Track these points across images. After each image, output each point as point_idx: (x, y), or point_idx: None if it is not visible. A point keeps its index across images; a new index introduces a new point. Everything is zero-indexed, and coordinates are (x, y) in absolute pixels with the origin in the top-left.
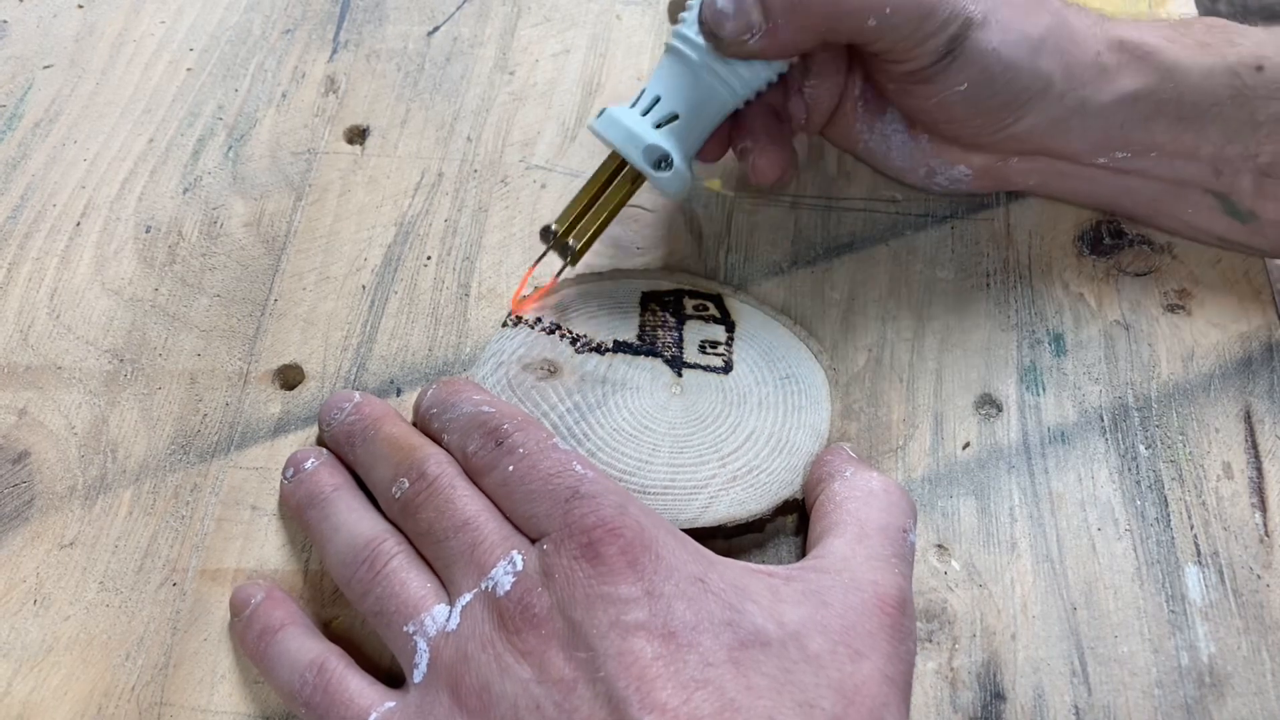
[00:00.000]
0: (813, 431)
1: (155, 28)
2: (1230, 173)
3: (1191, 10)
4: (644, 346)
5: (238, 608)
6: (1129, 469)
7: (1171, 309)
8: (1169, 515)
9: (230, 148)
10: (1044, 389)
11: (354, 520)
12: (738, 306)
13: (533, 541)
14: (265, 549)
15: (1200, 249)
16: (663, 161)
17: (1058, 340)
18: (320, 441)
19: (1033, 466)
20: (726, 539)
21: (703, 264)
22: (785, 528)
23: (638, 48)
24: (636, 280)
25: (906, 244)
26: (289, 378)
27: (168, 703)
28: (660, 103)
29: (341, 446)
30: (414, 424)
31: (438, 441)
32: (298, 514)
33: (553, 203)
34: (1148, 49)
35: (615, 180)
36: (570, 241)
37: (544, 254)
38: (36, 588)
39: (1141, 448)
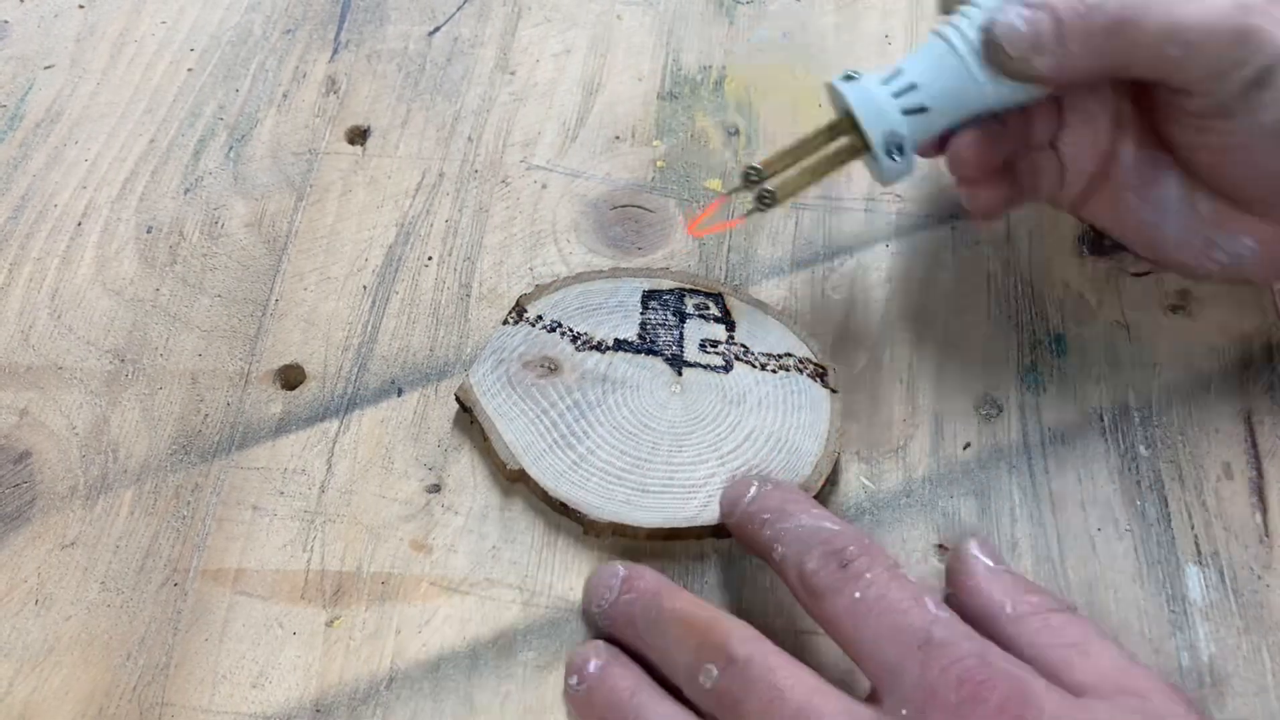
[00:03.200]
0: (812, 431)
1: (156, 28)
2: None
3: None
4: (644, 345)
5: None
6: (1129, 469)
7: (1172, 309)
8: (1169, 515)
9: (231, 148)
10: (1044, 389)
11: None
12: (738, 306)
13: (871, 698)
14: (266, 549)
15: None
16: (897, 150)
17: (1058, 340)
18: (588, 620)
19: (1033, 466)
20: (725, 538)
21: (703, 263)
22: None
23: (638, 48)
24: (637, 279)
25: (907, 244)
26: (290, 378)
27: (169, 703)
28: (914, 90)
29: (621, 630)
30: (729, 520)
31: (763, 551)
32: None
33: (553, 203)
34: None
35: (835, 144)
36: (769, 188)
37: (737, 189)
38: (38, 588)
39: (1142, 448)
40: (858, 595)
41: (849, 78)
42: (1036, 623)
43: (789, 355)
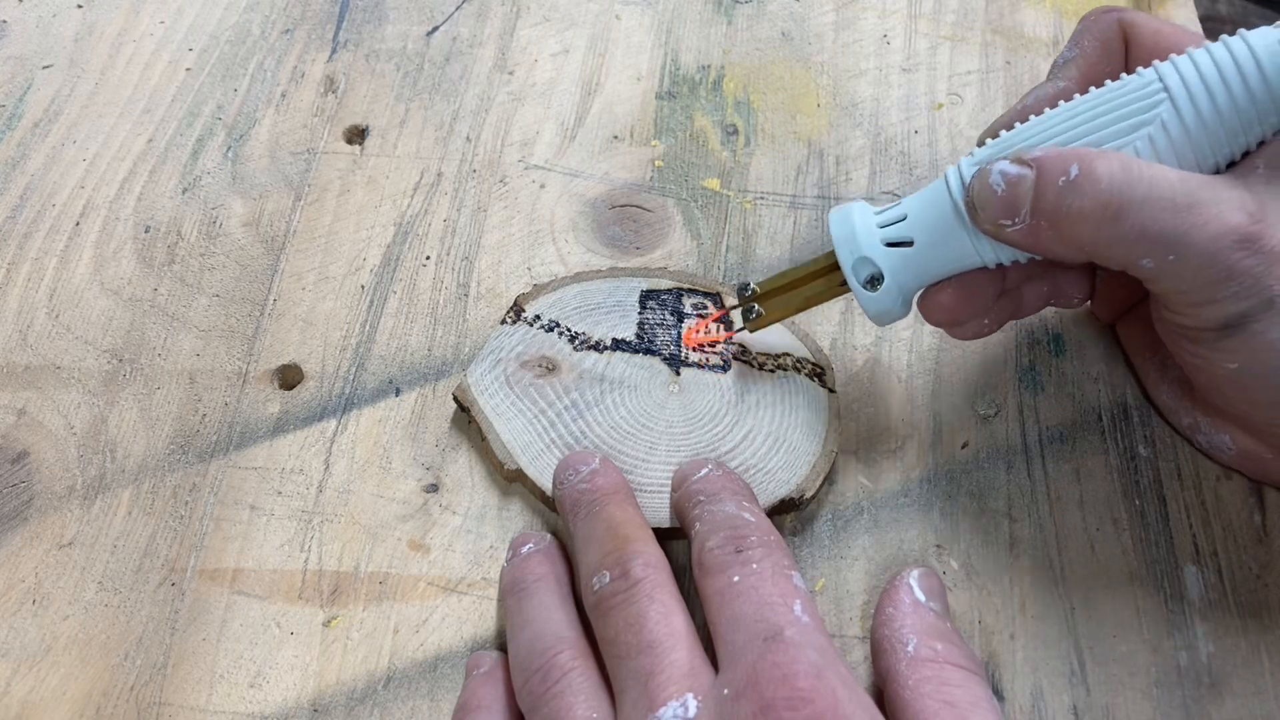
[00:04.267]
0: (810, 431)
1: (155, 28)
2: None
3: (1190, 10)
4: (642, 345)
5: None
6: (1128, 469)
7: None
8: (1168, 515)
9: (229, 148)
10: (1043, 389)
11: (544, 618)
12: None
13: (717, 673)
14: (264, 549)
15: None
16: (874, 280)
17: (1057, 340)
18: (552, 498)
19: (1032, 466)
20: None
21: (702, 263)
22: (782, 526)
23: (637, 48)
24: (636, 278)
25: None
26: (288, 377)
27: (166, 702)
28: (903, 223)
29: (565, 513)
30: (673, 495)
31: (687, 527)
32: (502, 598)
33: (551, 202)
34: None
35: (829, 273)
36: (758, 307)
37: (734, 306)
38: (35, 587)
39: (1141, 448)
40: (735, 579)
41: (852, 203)
42: (930, 670)
43: (787, 355)
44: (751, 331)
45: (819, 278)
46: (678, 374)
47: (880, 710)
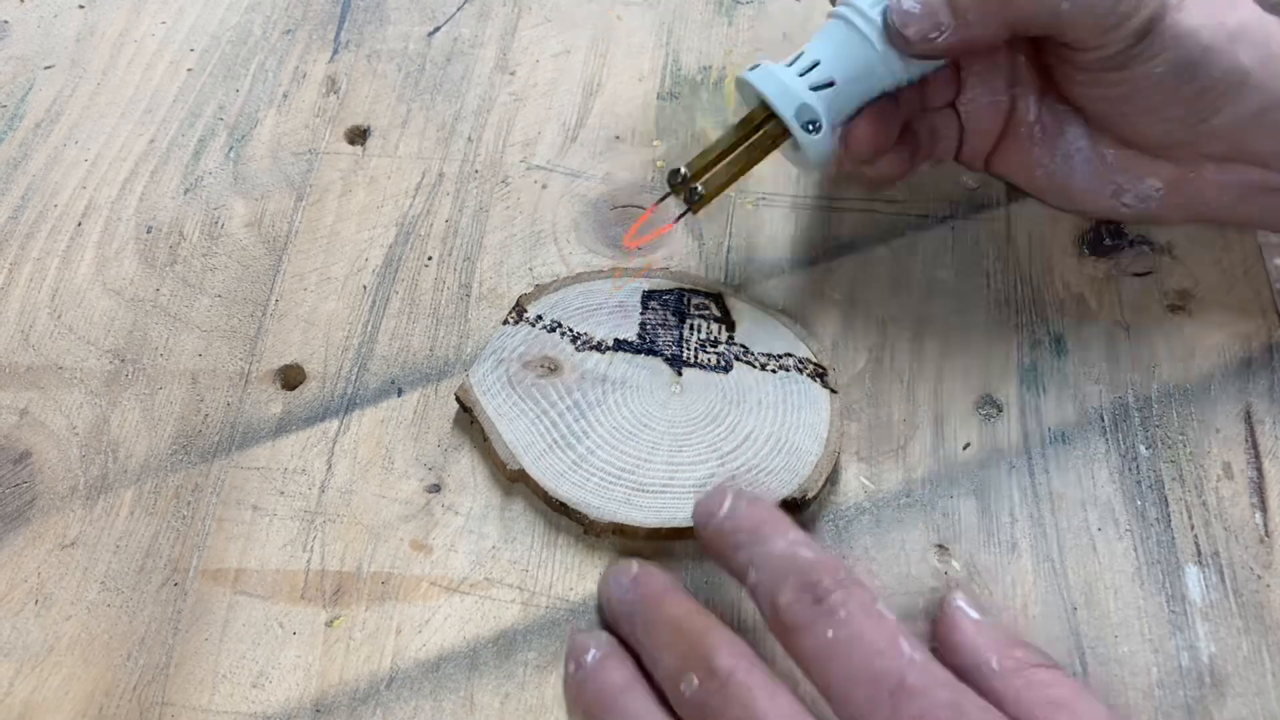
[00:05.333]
0: (812, 431)
1: (156, 28)
2: None
3: None
4: (644, 345)
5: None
6: (1129, 469)
7: (1172, 309)
8: (1169, 515)
9: (231, 148)
10: (1044, 389)
11: None
12: (738, 306)
13: None
14: (267, 549)
15: (1202, 248)
16: (812, 124)
17: (1058, 340)
18: (600, 613)
19: (1033, 467)
20: None
21: (703, 264)
22: None
23: (638, 48)
24: (638, 279)
25: (907, 244)
26: (290, 378)
27: (169, 702)
28: (819, 67)
29: (622, 626)
30: (702, 532)
31: (737, 574)
32: (587, 715)
33: (553, 203)
34: None
35: (757, 134)
36: (698, 187)
37: (666, 195)
38: (38, 588)
39: (1142, 448)
40: (830, 634)
41: (753, 67)
42: (1021, 680)
43: (789, 355)
44: (695, 214)
45: (748, 139)
46: (680, 374)
47: None
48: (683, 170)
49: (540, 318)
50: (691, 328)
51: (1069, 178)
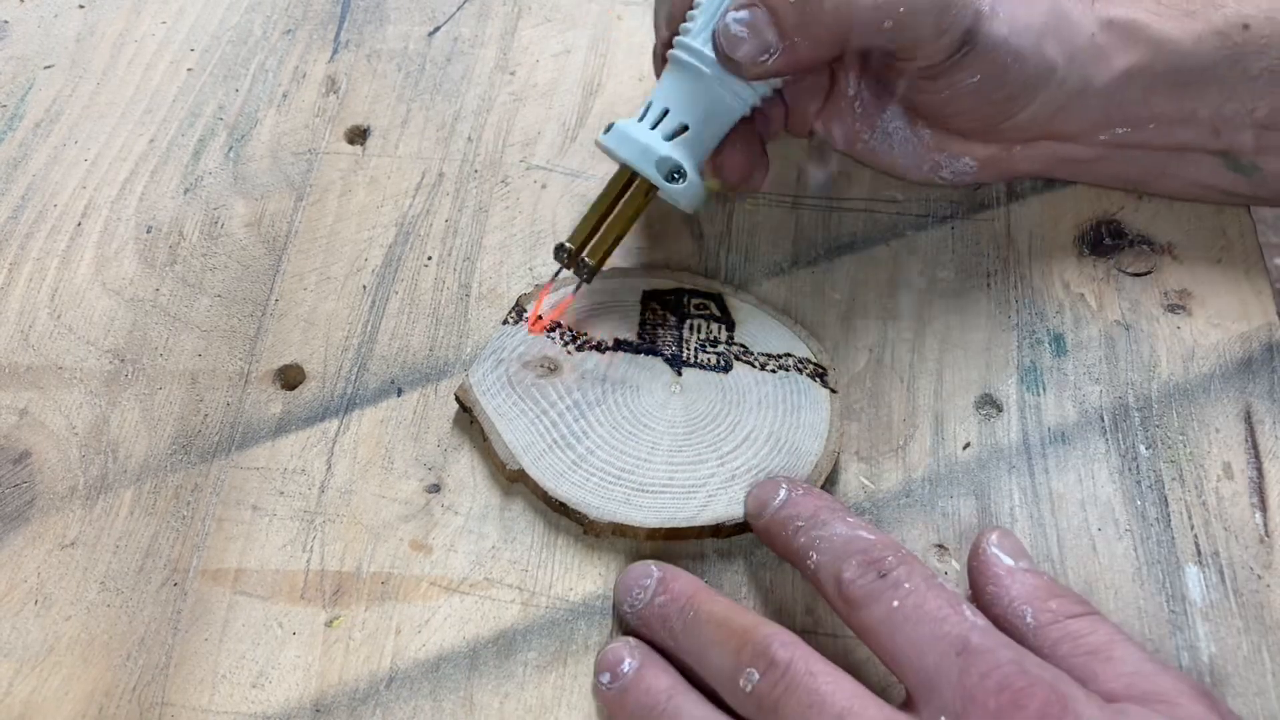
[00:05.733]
0: (812, 431)
1: (156, 28)
2: (1230, 130)
3: None
4: (644, 345)
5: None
6: (1129, 469)
7: (1172, 309)
8: (1169, 515)
9: (231, 148)
10: (1044, 389)
11: None
12: (738, 306)
13: (906, 705)
14: (266, 549)
15: (1202, 248)
16: (676, 174)
17: (1058, 340)
18: (619, 620)
19: (1033, 466)
20: (724, 538)
21: (703, 263)
22: None
23: (638, 48)
24: (637, 279)
25: (907, 244)
26: (290, 378)
27: (169, 703)
28: (669, 115)
29: (655, 631)
30: (756, 522)
31: (796, 557)
32: None
33: (553, 203)
34: (1137, 25)
35: (627, 194)
36: (585, 259)
37: (558, 272)
38: (38, 588)
39: (1142, 448)
40: (895, 604)
41: (607, 129)
42: (1057, 632)
43: (789, 355)
44: (589, 282)
45: (620, 200)
46: (679, 374)
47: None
48: (566, 245)
49: (540, 318)
50: (691, 327)
51: (888, 153)
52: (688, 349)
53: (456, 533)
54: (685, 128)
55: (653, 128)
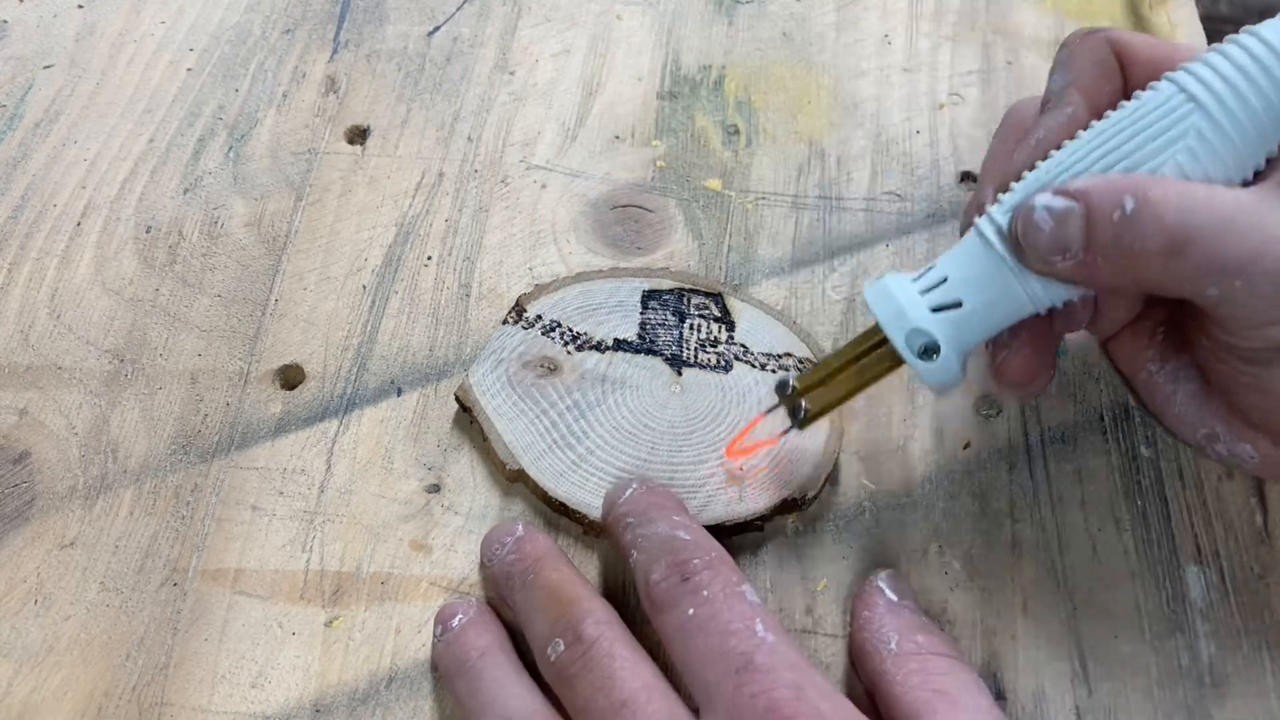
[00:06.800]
0: (812, 431)
1: (155, 28)
2: None
3: (1191, 10)
4: (644, 345)
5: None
6: (1130, 469)
7: None
8: (1169, 515)
9: (231, 148)
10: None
11: (504, 695)
12: (738, 306)
13: (696, 713)
14: (266, 549)
15: None
16: (930, 351)
17: (1058, 340)
18: (481, 574)
19: (1033, 466)
20: (725, 538)
21: (703, 263)
22: (784, 528)
23: (638, 48)
24: (637, 279)
25: (907, 244)
26: (290, 378)
27: (168, 703)
28: (945, 285)
29: (500, 588)
30: (604, 520)
31: (624, 555)
32: (447, 682)
33: (553, 203)
34: None
35: (874, 353)
36: (804, 403)
37: (775, 406)
38: (37, 588)
39: (1142, 448)
40: (691, 611)
41: (879, 279)
42: (915, 664)
43: (789, 355)
44: (800, 429)
45: (863, 359)
46: (679, 374)
47: (866, 713)
48: (792, 383)
49: (540, 317)
50: (691, 327)
51: (1169, 398)
52: (688, 349)
53: (456, 533)
54: (958, 304)
55: (923, 293)
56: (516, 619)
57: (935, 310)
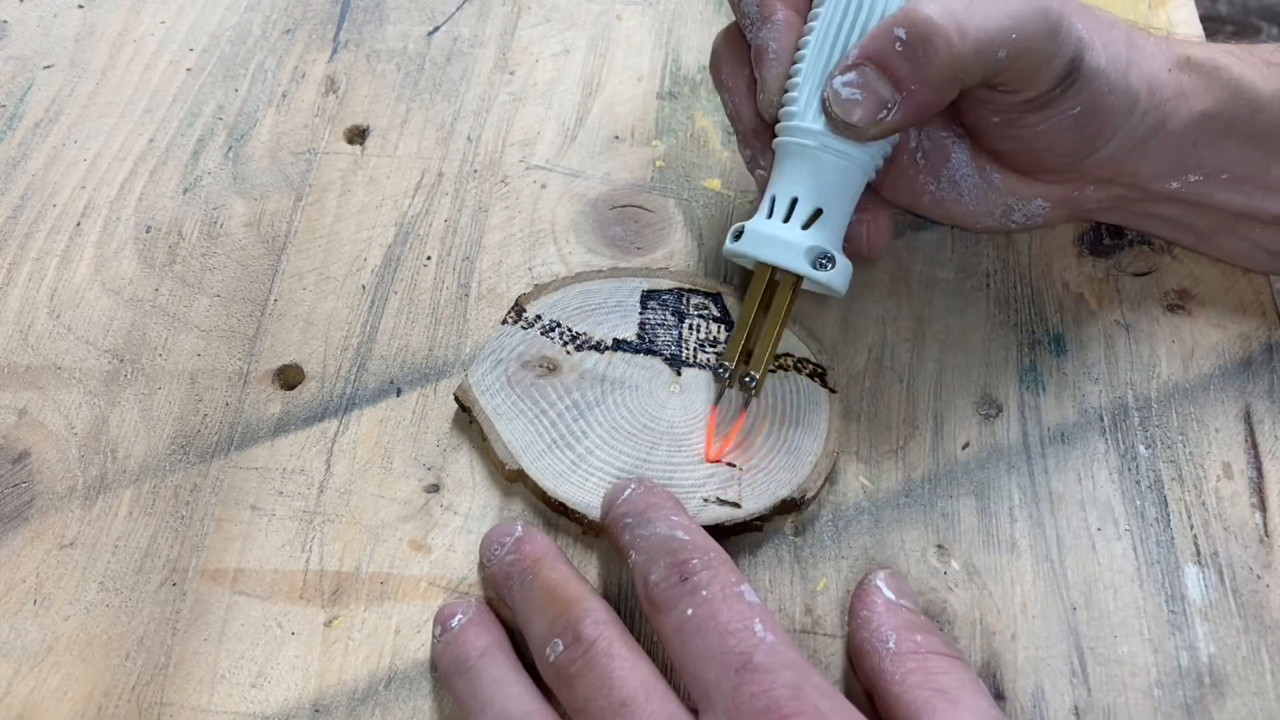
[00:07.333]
0: (811, 431)
1: (155, 28)
2: None
3: (1191, 10)
4: (643, 345)
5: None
6: (1129, 469)
7: (1171, 309)
8: (1169, 515)
9: (230, 148)
10: (1044, 389)
11: (503, 695)
12: (738, 306)
13: (695, 713)
14: (265, 549)
15: None
16: (824, 261)
17: (1058, 340)
18: (481, 574)
19: (1033, 466)
20: (724, 538)
21: (703, 263)
22: (783, 528)
23: (637, 48)
24: (636, 279)
25: (906, 244)
26: (289, 378)
27: (168, 702)
28: (799, 203)
29: (499, 588)
30: (603, 520)
31: (623, 555)
32: (446, 681)
33: (553, 202)
34: (1216, 66)
35: (776, 295)
36: (751, 374)
37: (721, 392)
38: (36, 588)
39: (1141, 448)
40: (690, 612)
41: (736, 235)
42: (914, 663)
43: (789, 355)
44: (757, 395)
45: (772, 301)
46: (679, 374)
47: (865, 712)
48: (725, 364)
49: (539, 317)
50: (691, 327)
51: (956, 201)
52: (687, 349)
53: (456, 532)
54: (819, 212)
55: (786, 220)
56: (516, 619)
57: (805, 227)
